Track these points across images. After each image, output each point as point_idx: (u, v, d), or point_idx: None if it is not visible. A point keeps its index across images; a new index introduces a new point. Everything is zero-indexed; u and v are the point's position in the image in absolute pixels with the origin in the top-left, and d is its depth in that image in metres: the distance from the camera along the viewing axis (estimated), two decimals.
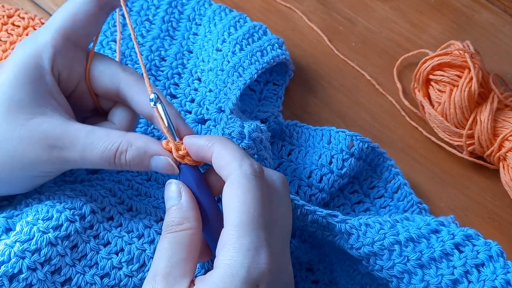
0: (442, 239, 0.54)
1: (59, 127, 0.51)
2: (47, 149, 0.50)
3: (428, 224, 0.55)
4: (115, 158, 0.51)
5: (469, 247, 0.54)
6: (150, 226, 0.57)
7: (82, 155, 0.51)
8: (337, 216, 0.56)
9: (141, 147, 0.51)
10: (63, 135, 0.51)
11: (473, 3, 0.83)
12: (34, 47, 0.52)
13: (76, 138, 0.51)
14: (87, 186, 0.58)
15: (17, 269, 0.49)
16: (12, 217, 0.53)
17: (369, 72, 0.78)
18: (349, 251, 0.56)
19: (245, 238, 0.45)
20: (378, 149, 0.67)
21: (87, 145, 0.51)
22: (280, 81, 0.75)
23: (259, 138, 0.59)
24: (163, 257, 0.47)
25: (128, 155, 0.51)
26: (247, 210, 0.46)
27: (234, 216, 0.46)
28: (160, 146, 0.52)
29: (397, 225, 0.56)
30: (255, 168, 0.48)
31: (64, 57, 0.53)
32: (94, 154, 0.51)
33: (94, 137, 0.51)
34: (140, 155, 0.51)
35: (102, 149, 0.51)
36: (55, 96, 0.53)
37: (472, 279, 0.53)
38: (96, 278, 0.53)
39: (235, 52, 0.68)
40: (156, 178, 0.63)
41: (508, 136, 0.67)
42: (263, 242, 0.45)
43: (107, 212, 0.56)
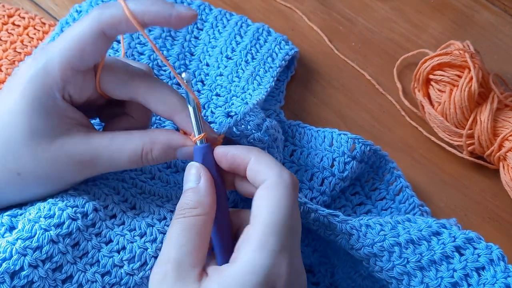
0: (443, 242, 0.54)
1: (80, 145, 0.52)
2: (74, 165, 0.52)
3: (430, 226, 0.55)
4: (142, 159, 0.53)
5: (470, 250, 0.54)
6: (152, 225, 0.56)
7: (110, 164, 0.53)
8: (338, 216, 0.57)
9: (165, 143, 0.53)
10: (87, 150, 0.52)
11: (473, 3, 0.83)
12: (44, 82, 0.52)
13: (100, 151, 0.52)
14: (91, 185, 0.58)
15: (18, 266, 0.49)
16: (16, 216, 0.53)
17: (369, 72, 0.78)
18: (350, 251, 0.56)
19: (273, 238, 0.46)
20: (380, 152, 0.67)
21: (112, 154, 0.52)
22: (282, 77, 0.75)
23: (274, 136, 0.59)
24: (175, 245, 0.48)
25: (154, 153, 0.53)
26: (280, 212, 0.46)
27: (266, 215, 0.46)
28: (182, 137, 0.53)
29: (398, 227, 0.56)
30: (294, 179, 0.49)
31: (74, 85, 0.53)
32: (122, 160, 0.53)
33: (117, 143, 0.52)
34: (165, 151, 0.53)
35: (128, 153, 0.52)
36: (70, 115, 0.53)
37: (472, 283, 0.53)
38: (97, 276, 0.53)
39: (248, 61, 0.71)
40: (160, 177, 0.63)
41: (508, 136, 0.67)
42: (287, 246, 0.46)
43: (110, 210, 0.56)
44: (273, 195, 0.47)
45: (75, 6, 0.73)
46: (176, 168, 0.65)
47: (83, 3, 0.73)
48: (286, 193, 0.48)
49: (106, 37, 0.52)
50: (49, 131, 0.51)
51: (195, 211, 0.49)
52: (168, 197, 0.60)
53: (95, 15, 0.51)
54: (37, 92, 0.51)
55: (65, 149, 0.51)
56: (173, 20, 0.51)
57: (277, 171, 0.49)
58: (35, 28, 0.75)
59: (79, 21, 0.53)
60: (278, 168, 0.49)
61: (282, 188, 0.48)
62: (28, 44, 0.74)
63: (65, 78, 0.52)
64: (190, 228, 0.48)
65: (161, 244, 0.56)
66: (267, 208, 0.47)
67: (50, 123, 0.51)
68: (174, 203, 0.60)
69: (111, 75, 0.55)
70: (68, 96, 0.53)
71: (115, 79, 0.55)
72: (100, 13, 0.51)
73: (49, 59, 0.52)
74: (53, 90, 0.52)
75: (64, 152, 0.51)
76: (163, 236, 0.56)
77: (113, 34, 0.52)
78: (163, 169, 0.65)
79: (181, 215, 0.49)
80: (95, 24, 0.51)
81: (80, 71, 0.53)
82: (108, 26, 0.51)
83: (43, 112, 0.51)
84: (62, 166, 0.52)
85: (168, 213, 0.58)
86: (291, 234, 0.47)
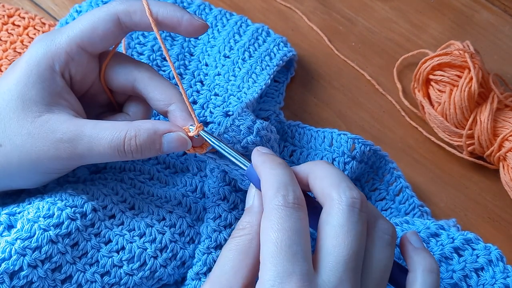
0: (441, 243, 0.54)
1: (65, 123, 0.51)
2: (54, 143, 0.51)
3: (428, 227, 0.55)
4: (124, 145, 0.51)
5: (468, 251, 0.54)
6: (152, 225, 0.57)
7: (90, 147, 0.51)
8: None
9: (150, 128, 0.52)
10: (69, 129, 0.51)
11: (473, 3, 0.83)
12: (48, 48, 0.53)
13: (82, 131, 0.51)
14: (89, 185, 0.58)
15: (17, 266, 0.49)
16: (15, 214, 0.53)
17: (369, 72, 0.78)
18: None
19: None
20: (380, 152, 0.67)
21: (94, 136, 0.51)
22: (281, 79, 0.75)
23: (268, 137, 0.59)
24: (217, 264, 0.47)
25: (138, 139, 0.51)
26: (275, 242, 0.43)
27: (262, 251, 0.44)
28: (169, 124, 0.53)
29: (397, 229, 0.56)
30: (288, 199, 0.46)
31: (77, 64, 0.54)
32: (102, 144, 0.51)
33: (100, 127, 0.52)
34: (150, 136, 0.52)
35: (109, 137, 0.51)
36: (65, 96, 0.53)
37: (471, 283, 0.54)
38: (96, 276, 0.53)
39: (245, 59, 0.70)
40: (159, 178, 0.63)
41: (508, 136, 0.67)
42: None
43: (109, 210, 0.56)
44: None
45: (75, 6, 0.73)
46: (175, 169, 0.65)
47: (83, 3, 0.73)
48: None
49: (119, 24, 0.53)
50: (39, 104, 0.52)
51: (243, 231, 0.48)
52: (167, 198, 0.60)
53: (114, 3, 0.54)
54: (39, 61, 0.52)
55: (48, 125, 0.51)
56: (183, 23, 0.53)
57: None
58: (35, 28, 0.76)
59: (99, 7, 0.55)
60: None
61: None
62: (28, 44, 0.74)
63: (70, 52, 0.53)
64: (233, 248, 0.47)
65: (160, 244, 0.56)
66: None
67: (42, 96, 0.52)
68: (173, 204, 0.60)
69: (115, 61, 0.56)
70: (69, 76, 0.54)
71: (118, 65, 0.56)
72: (119, 2, 0.54)
73: (58, 34, 0.53)
74: (54, 62, 0.52)
75: (46, 128, 0.51)
76: (162, 237, 0.56)
77: (127, 23, 0.54)
78: (161, 169, 0.65)
79: (233, 235, 0.48)
80: (111, 8, 0.53)
81: (86, 51, 0.54)
82: (124, 13, 0.53)
83: (38, 83, 0.52)
84: (42, 142, 0.51)
85: (167, 214, 0.58)
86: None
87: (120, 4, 0.54)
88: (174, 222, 0.58)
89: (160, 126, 0.52)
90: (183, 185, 0.63)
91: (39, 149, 0.51)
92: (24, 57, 0.53)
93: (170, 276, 0.57)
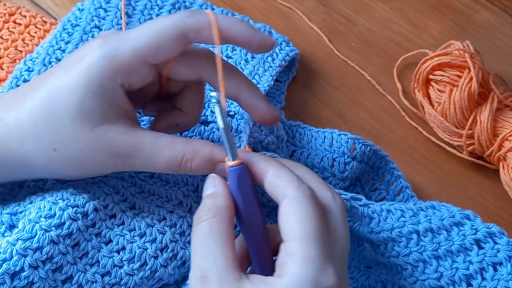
0: (463, 233, 0.54)
1: (124, 135, 0.51)
2: (111, 156, 0.51)
3: (453, 216, 0.55)
4: (180, 166, 0.52)
5: (490, 245, 0.54)
6: (152, 225, 0.57)
7: (147, 163, 0.52)
8: (361, 199, 0.56)
9: (207, 155, 0.52)
10: (128, 143, 0.51)
11: (473, 3, 0.83)
12: (111, 61, 0.51)
13: (141, 146, 0.51)
14: (90, 183, 0.58)
15: (19, 267, 0.49)
16: (16, 214, 0.53)
17: (369, 72, 0.78)
18: (369, 235, 0.56)
19: (312, 250, 0.45)
20: (380, 152, 0.67)
21: (152, 153, 0.52)
22: (283, 78, 0.75)
23: (282, 137, 0.59)
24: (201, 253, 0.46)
25: (194, 163, 0.52)
26: (311, 224, 0.46)
27: (299, 229, 0.45)
28: (224, 152, 0.52)
29: (420, 214, 0.56)
30: (311, 191, 0.48)
31: (138, 74, 0.53)
32: (159, 162, 0.52)
33: (159, 145, 0.52)
34: (206, 164, 0.52)
35: (167, 158, 0.52)
36: (122, 105, 0.53)
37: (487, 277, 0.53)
38: (97, 276, 0.53)
39: (248, 60, 0.70)
40: (160, 176, 0.63)
41: (508, 136, 0.67)
42: (328, 258, 0.45)
43: (110, 209, 0.56)
44: (298, 208, 0.46)
45: (77, 5, 0.73)
46: None
47: (85, 1, 0.73)
48: (309, 204, 0.47)
49: (186, 40, 0.52)
50: (97, 115, 0.51)
51: (210, 213, 0.47)
52: (168, 198, 0.60)
53: (182, 16, 0.52)
54: (100, 73, 0.51)
55: (107, 136, 0.51)
56: (254, 42, 0.53)
57: (295, 185, 0.48)
58: (36, 27, 0.76)
59: (162, 17, 0.53)
60: (296, 182, 0.48)
61: (305, 200, 0.47)
62: (29, 42, 0.74)
63: (133, 68, 0.52)
64: (209, 233, 0.47)
65: (160, 244, 0.56)
66: (297, 223, 0.46)
67: (101, 107, 0.51)
68: (174, 204, 0.60)
69: (183, 58, 0.55)
70: (128, 84, 0.53)
71: (185, 58, 0.55)
72: (187, 16, 0.52)
73: (122, 45, 0.52)
74: (116, 75, 0.51)
75: (105, 140, 0.51)
76: (162, 237, 0.56)
77: (194, 39, 0.52)
78: None
79: (197, 221, 0.48)
80: (179, 24, 0.51)
81: (149, 63, 0.53)
82: (193, 31, 0.52)
83: (98, 94, 0.51)
84: (100, 153, 0.51)
85: (168, 214, 0.58)
86: (330, 245, 0.47)
87: (188, 18, 0.52)
88: (174, 221, 0.58)
89: (218, 155, 0.52)
90: (184, 184, 0.63)
91: (96, 160, 0.51)
92: (84, 63, 0.51)
93: (171, 276, 0.57)
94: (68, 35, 0.71)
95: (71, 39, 0.70)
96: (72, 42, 0.70)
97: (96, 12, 0.72)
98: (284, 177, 0.49)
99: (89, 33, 0.71)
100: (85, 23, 0.71)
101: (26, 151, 0.52)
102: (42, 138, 0.51)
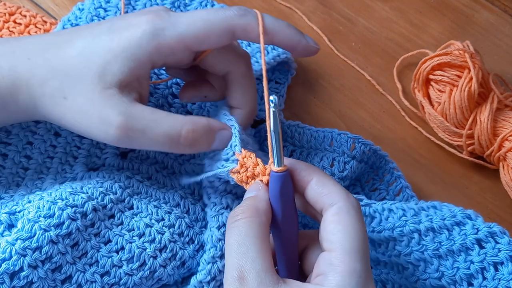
0: (464, 233, 0.54)
1: (126, 103, 0.52)
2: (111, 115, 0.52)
3: (454, 215, 0.55)
4: (181, 137, 0.53)
5: (491, 244, 0.54)
6: (151, 225, 0.57)
7: (144, 130, 0.52)
8: (362, 200, 0.57)
9: (206, 125, 0.54)
10: (129, 108, 0.52)
11: (473, 3, 0.83)
12: (155, 39, 0.52)
13: (142, 113, 0.52)
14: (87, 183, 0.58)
15: (18, 266, 0.49)
16: (15, 213, 0.53)
17: (369, 72, 0.78)
18: (370, 234, 0.56)
19: (359, 264, 0.45)
20: (380, 152, 0.67)
21: (152, 120, 0.52)
22: (282, 80, 0.75)
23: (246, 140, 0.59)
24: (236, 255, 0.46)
25: (195, 133, 0.53)
26: (358, 237, 0.46)
27: (345, 240, 0.45)
28: (220, 122, 0.55)
29: (421, 213, 0.56)
30: (359, 203, 0.48)
31: (177, 57, 0.54)
32: (158, 131, 0.52)
33: (159, 115, 0.53)
34: (206, 131, 0.53)
35: (167, 127, 0.52)
36: (141, 81, 0.54)
37: (488, 276, 0.53)
38: (96, 276, 0.53)
39: None
40: (157, 178, 0.63)
41: (508, 136, 0.67)
42: (370, 273, 0.46)
43: (109, 210, 0.56)
44: (347, 220, 0.46)
45: (77, 4, 0.73)
46: (173, 169, 0.65)
47: (85, 1, 0.73)
48: (358, 217, 0.47)
49: (233, 36, 0.53)
50: (115, 78, 0.52)
51: (249, 212, 0.47)
52: (165, 200, 0.60)
53: (235, 14, 0.53)
54: (142, 45, 0.52)
55: (112, 99, 0.52)
56: (299, 48, 0.55)
57: (344, 195, 0.48)
58: (36, 27, 0.76)
59: (214, 10, 0.54)
60: (344, 192, 0.48)
61: (354, 213, 0.47)
62: None
63: (175, 51, 0.53)
64: (247, 233, 0.46)
65: (159, 244, 0.56)
66: (344, 234, 0.46)
67: (123, 73, 0.52)
68: (171, 205, 0.60)
69: (219, 52, 0.57)
70: (163, 63, 0.55)
71: (220, 57, 0.57)
72: (240, 14, 0.53)
73: (171, 27, 0.53)
74: (156, 54, 0.53)
75: (109, 100, 0.52)
76: (161, 237, 0.56)
77: (241, 37, 0.54)
78: (160, 169, 0.64)
79: (234, 218, 0.48)
80: (230, 20, 0.53)
81: (191, 50, 0.54)
82: (241, 29, 0.53)
83: (128, 61, 0.52)
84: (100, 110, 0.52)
85: (166, 215, 0.58)
86: (369, 260, 0.47)
87: (239, 17, 0.53)
88: (173, 222, 0.58)
89: (215, 124, 0.54)
90: (181, 187, 0.63)
91: (96, 115, 0.52)
92: (128, 32, 0.53)
93: (170, 276, 0.57)
94: None
95: None
96: None
97: (96, 12, 0.72)
98: (331, 186, 0.48)
99: None
100: (84, 22, 0.71)
101: (42, 93, 0.53)
102: (60, 85, 0.52)
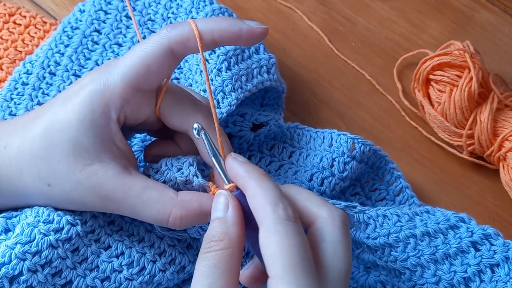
0: (459, 236, 0.54)
1: (112, 180, 0.50)
2: (101, 199, 0.50)
3: (448, 219, 0.55)
4: (168, 222, 0.50)
5: (486, 246, 0.54)
6: (150, 230, 0.57)
7: (133, 212, 0.51)
8: (356, 207, 0.56)
9: (197, 210, 0.51)
10: (115, 189, 0.50)
11: (473, 3, 0.83)
12: (102, 95, 0.50)
13: (128, 195, 0.50)
14: None
15: (17, 271, 0.49)
16: (11, 217, 0.53)
17: (369, 72, 0.78)
18: (365, 241, 0.56)
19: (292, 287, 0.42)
20: (380, 152, 0.67)
21: (139, 204, 0.50)
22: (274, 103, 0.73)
23: None
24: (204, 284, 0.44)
25: (184, 220, 0.50)
26: (289, 257, 0.42)
27: (276, 265, 0.43)
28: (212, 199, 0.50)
29: (416, 218, 0.56)
30: (288, 213, 0.44)
31: (132, 104, 0.51)
32: (146, 215, 0.51)
33: (147, 197, 0.50)
34: (196, 218, 0.51)
35: (155, 213, 0.50)
36: (116, 143, 0.52)
37: (485, 279, 0.54)
38: (96, 281, 0.53)
39: (221, 70, 0.65)
40: None
41: (508, 136, 0.67)
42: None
43: (108, 216, 0.56)
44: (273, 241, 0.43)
45: (78, 5, 0.73)
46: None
47: (86, 2, 0.73)
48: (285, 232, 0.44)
49: (173, 55, 0.50)
50: (90, 153, 0.50)
51: (222, 244, 0.45)
52: None
53: (164, 33, 0.50)
54: (93, 108, 0.50)
55: (97, 178, 0.50)
56: (244, 35, 0.50)
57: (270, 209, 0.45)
58: (36, 27, 0.75)
59: (146, 39, 0.51)
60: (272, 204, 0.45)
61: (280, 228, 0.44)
62: (29, 43, 0.74)
63: (125, 97, 0.50)
64: (217, 264, 0.44)
65: (159, 249, 0.56)
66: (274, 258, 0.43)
67: (94, 144, 0.50)
68: None
69: (171, 98, 0.53)
70: (124, 116, 0.52)
71: (175, 106, 0.53)
72: (168, 31, 0.50)
73: (112, 75, 0.50)
74: (110, 108, 0.50)
75: (94, 181, 0.50)
76: (160, 241, 0.56)
77: (181, 53, 0.51)
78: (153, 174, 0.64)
79: (207, 249, 0.45)
80: (163, 41, 0.50)
81: (142, 90, 0.51)
82: (177, 44, 0.50)
83: (91, 130, 0.50)
84: (88, 194, 0.50)
85: None
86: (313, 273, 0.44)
87: (170, 32, 0.50)
88: None
89: (206, 206, 0.50)
90: None
91: (87, 200, 0.51)
92: (78, 98, 0.50)
93: (170, 280, 0.57)
94: (67, 38, 0.71)
95: (70, 43, 0.70)
96: (71, 46, 0.70)
97: (97, 15, 0.72)
98: (259, 198, 0.46)
99: (89, 36, 0.71)
100: (85, 26, 0.71)
101: (24, 183, 0.51)
102: (39, 172, 0.51)
